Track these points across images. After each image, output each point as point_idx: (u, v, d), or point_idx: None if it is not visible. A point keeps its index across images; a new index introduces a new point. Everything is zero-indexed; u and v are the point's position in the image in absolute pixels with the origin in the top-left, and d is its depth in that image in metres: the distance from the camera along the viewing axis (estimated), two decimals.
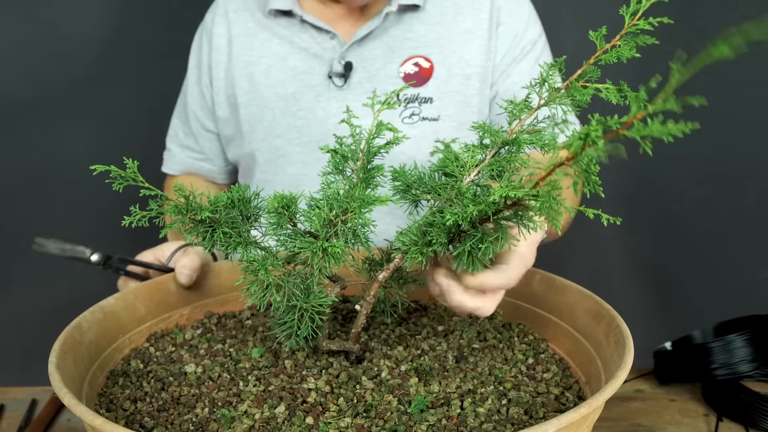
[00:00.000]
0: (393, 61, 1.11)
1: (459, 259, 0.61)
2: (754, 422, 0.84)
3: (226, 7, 1.21)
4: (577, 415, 0.49)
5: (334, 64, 1.11)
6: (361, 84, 1.11)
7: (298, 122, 1.14)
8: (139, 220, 0.62)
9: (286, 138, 1.15)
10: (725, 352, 0.91)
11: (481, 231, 0.59)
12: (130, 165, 0.61)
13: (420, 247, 0.60)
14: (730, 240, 1.80)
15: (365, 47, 1.12)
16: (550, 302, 0.78)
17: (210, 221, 0.63)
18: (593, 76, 0.63)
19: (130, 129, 1.72)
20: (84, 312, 0.72)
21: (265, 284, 0.61)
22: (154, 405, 0.64)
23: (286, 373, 0.68)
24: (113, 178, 0.61)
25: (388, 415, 0.60)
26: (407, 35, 1.12)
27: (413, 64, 1.11)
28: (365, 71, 1.11)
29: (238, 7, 1.21)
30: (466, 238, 0.59)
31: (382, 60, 1.12)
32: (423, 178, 0.68)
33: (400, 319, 0.82)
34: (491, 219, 0.59)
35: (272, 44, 1.16)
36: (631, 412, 0.90)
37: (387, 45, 1.12)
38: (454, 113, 1.12)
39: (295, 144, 1.14)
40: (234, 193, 0.65)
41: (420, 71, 1.11)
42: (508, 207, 0.57)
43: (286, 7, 1.13)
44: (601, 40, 0.60)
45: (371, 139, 0.68)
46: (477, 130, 0.68)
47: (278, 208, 0.60)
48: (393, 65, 1.11)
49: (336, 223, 0.61)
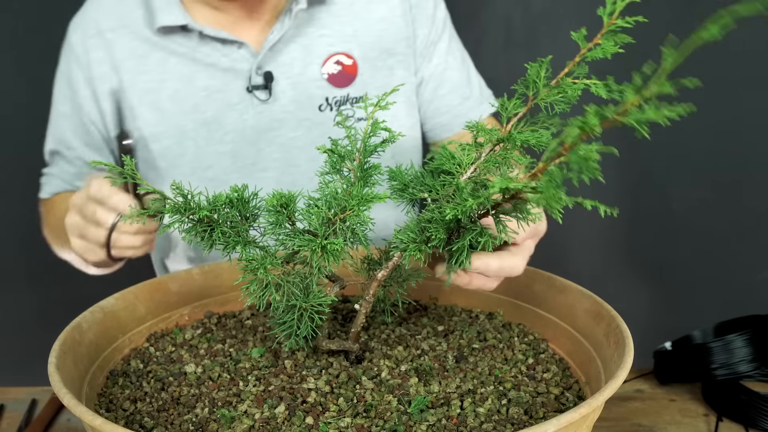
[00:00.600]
0: (313, 62, 1.04)
1: (458, 254, 0.61)
2: (754, 422, 0.84)
3: (99, 27, 1.04)
4: (577, 415, 0.49)
5: (252, 77, 1.01)
6: (285, 93, 1.03)
7: (226, 147, 1.03)
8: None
9: (219, 167, 1.04)
10: (725, 352, 0.91)
11: (479, 226, 0.59)
12: (127, 162, 0.61)
13: (419, 244, 0.61)
14: (730, 240, 1.80)
15: (280, 52, 1.02)
16: (550, 302, 0.78)
17: (208, 221, 0.63)
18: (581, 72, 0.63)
19: None
20: (84, 312, 0.72)
21: (265, 283, 0.61)
22: (154, 405, 0.64)
23: (286, 373, 0.68)
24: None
25: (388, 415, 0.60)
26: (322, 32, 1.04)
27: (335, 63, 1.04)
28: (287, 78, 1.03)
29: (114, 25, 1.03)
30: (465, 233, 0.60)
31: (301, 63, 1.03)
32: (419, 177, 0.68)
33: (400, 319, 0.82)
34: (490, 213, 0.59)
35: (170, 65, 1.02)
36: (631, 412, 0.90)
37: (303, 46, 1.03)
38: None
39: (230, 171, 1.04)
40: (233, 192, 0.65)
41: (344, 70, 1.05)
42: (506, 200, 0.58)
43: (178, 22, 0.99)
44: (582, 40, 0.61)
45: (367, 138, 0.69)
46: (471, 129, 0.68)
47: (277, 206, 0.60)
48: (314, 67, 1.04)
49: (335, 222, 0.61)
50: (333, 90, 1.06)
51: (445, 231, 0.60)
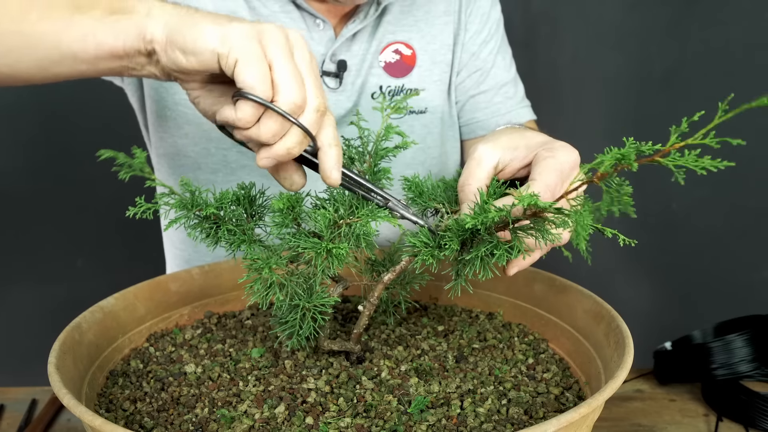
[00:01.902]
0: (374, 48, 1.01)
1: (470, 264, 0.60)
2: (754, 422, 0.84)
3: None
4: (577, 415, 0.49)
5: (325, 62, 0.98)
6: (353, 84, 1.01)
7: None
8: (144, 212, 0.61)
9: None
10: (725, 352, 0.91)
11: (496, 238, 0.59)
12: (138, 154, 0.59)
13: (431, 249, 0.60)
14: (730, 240, 1.80)
15: (354, 41, 1.00)
16: (550, 302, 0.78)
17: (215, 218, 0.63)
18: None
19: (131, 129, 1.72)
20: (84, 312, 0.72)
21: (269, 282, 0.61)
22: (154, 405, 0.64)
23: (286, 373, 0.68)
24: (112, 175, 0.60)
25: (388, 415, 0.60)
26: (385, 18, 1.02)
27: (393, 51, 1.03)
28: (354, 68, 1.01)
29: None
30: (480, 244, 0.59)
31: (365, 50, 1.01)
32: (437, 189, 0.69)
33: (401, 319, 0.82)
34: (509, 227, 0.58)
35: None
36: (631, 412, 0.90)
37: (369, 33, 1.01)
38: (439, 104, 1.07)
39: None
40: (239, 190, 0.65)
41: (402, 59, 1.04)
42: (527, 216, 0.57)
43: None
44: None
45: (379, 141, 0.68)
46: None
47: (283, 208, 0.60)
48: (374, 54, 1.02)
49: (341, 225, 0.61)
50: (388, 79, 1.04)
51: (459, 241, 0.60)
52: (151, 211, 0.61)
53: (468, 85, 1.11)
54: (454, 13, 1.07)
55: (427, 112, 1.06)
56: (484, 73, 1.11)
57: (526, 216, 0.56)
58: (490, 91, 1.12)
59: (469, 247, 0.60)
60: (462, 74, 1.10)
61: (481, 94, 1.12)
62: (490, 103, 1.12)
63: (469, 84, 1.11)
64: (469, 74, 1.10)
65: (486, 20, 1.09)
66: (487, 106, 1.12)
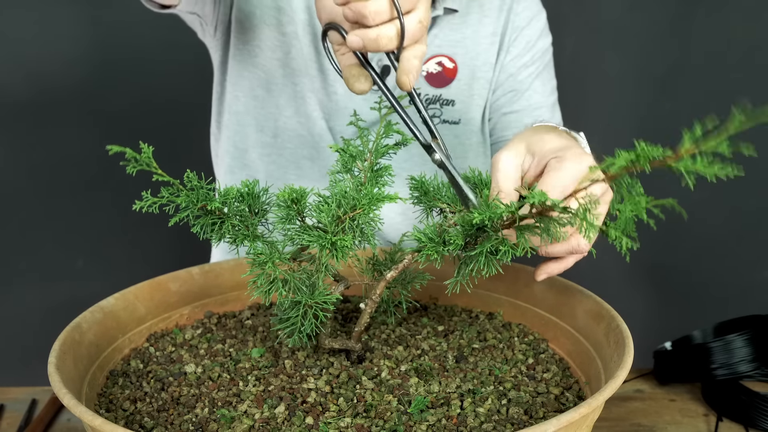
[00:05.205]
0: None
1: (475, 260, 0.60)
2: (754, 422, 0.84)
3: None
4: (577, 414, 0.49)
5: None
6: (394, 88, 1.05)
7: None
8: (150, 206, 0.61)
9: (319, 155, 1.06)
10: (725, 352, 0.91)
11: (501, 236, 0.59)
12: (145, 150, 0.59)
13: (436, 245, 0.60)
14: (730, 240, 1.80)
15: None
16: (550, 302, 0.78)
17: (219, 213, 0.63)
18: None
19: (132, 129, 1.72)
20: (84, 312, 0.72)
21: (272, 278, 0.61)
22: (154, 405, 0.64)
23: (286, 373, 0.68)
24: (113, 175, 0.61)
25: (388, 415, 0.60)
26: (432, 30, 1.05)
27: (437, 63, 1.06)
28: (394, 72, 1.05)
29: None
30: (485, 241, 0.59)
31: None
32: (441, 189, 0.69)
33: (401, 319, 0.82)
34: (515, 224, 0.58)
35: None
36: (631, 412, 0.90)
37: None
38: (475, 117, 1.09)
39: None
40: (243, 186, 0.65)
41: (443, 71, 1.07)
42: (534, 214, 0.57)
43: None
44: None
45: (379, 139, 0.69)
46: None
47: (287, 201, 0.60)
48: None
49: (344, 220, 0.61)
50: (427, 88, 1.07)
51: (464, 237, 0.60)
52: (156, 205, 0.61)
53: (502, 102, 1.13)
54: (499, 35, 1.09)
55: (461, 124, 1.09)
56: (518, 94, 1.12)
57: (532, 214, 0.56)
58: (522, 112, 1.13)
59: (473, 244, 0.61)
60: (497, 92, 1.12)
61: (513, 113, 1.13)
62: (521, 123, 1.13)
63: (503, 102, 1.13)
64: (504, 93, 1.12)
65: (530, 48, 1.11)
66: (517, 126, 1.13)
